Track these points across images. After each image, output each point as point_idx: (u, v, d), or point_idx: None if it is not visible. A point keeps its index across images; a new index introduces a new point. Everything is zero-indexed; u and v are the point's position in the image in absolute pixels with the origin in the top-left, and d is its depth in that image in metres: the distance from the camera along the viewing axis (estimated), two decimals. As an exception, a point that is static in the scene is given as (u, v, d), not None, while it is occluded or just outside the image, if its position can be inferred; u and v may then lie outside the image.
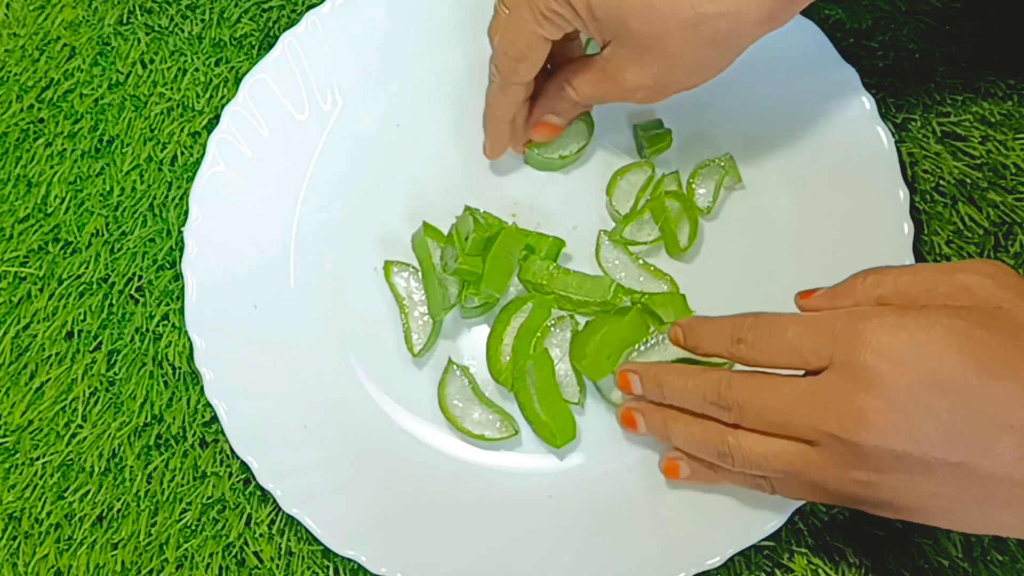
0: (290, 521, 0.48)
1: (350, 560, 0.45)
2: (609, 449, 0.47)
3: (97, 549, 0.49)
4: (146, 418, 0.51)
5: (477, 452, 0.48)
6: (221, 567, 0.48)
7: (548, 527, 0.46)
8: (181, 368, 0.52)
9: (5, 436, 0.52)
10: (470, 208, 0.49)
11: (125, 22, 0.61)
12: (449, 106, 0.55)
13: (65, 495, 0.51)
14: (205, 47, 0.59)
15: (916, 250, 0.46)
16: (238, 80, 0.54)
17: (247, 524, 0.49)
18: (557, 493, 0.47)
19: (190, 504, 0.50)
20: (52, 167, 0.57)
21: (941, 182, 0.51)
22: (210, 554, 0.49)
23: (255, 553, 0.48)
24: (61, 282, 0.55)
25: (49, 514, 0.50)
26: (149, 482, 0.50)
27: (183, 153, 0.57)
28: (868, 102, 0.49)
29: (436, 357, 0.50)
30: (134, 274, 0.54)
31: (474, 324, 0.51)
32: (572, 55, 0.50)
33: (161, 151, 0.57)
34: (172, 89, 0.58)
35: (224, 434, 0.48)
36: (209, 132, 0.53)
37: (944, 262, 0.49)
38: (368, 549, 0.45)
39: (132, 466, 0.51)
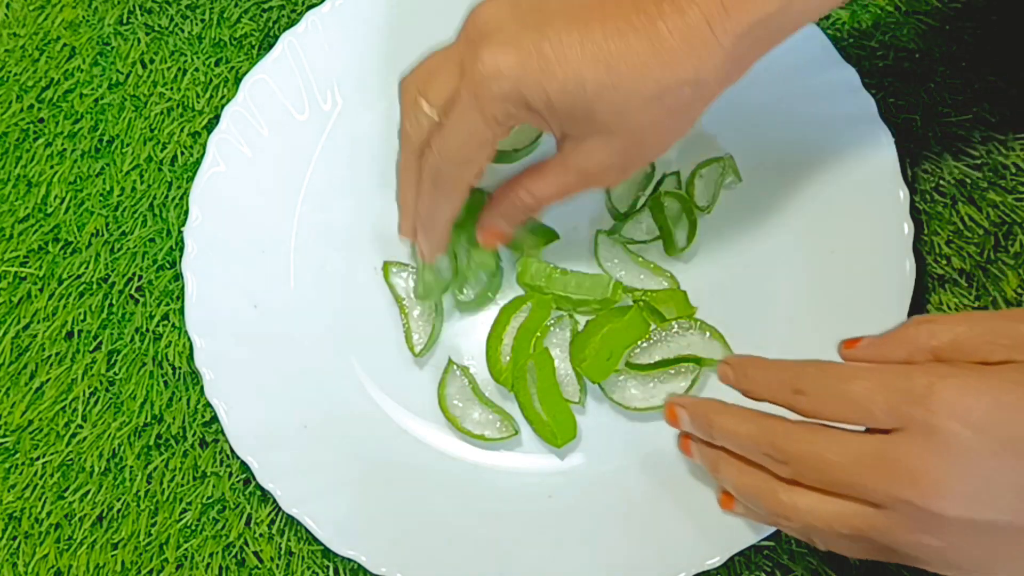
0: (290, 521, 0.48)
1: (350, 560, 0.45)
2: (609, 449, 0.47)
3: (97, 549, 0.49)
4: (146, 418, 0.51)
5: (477, 452, 0.48)
6: (221, 567, 0.48)
7: (548, 527, 0.46)
8: (181, 368, 0.52)
9: (5, 436, 0.52)
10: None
11: (125, 22, 0.61)
12: (449, 106, 0.55)
13: (65, 495, 0.51)
14: (205, 47, 0.59)
15: (916, 250, 0.46)
16: (238, 80, 0.54)
17: (247, 524, 0.49)
18: (557, 493, 0.47)
19: (190, 504, 0.50)
20: (52, 167, 0.57)
21: (941, 182, 0.51)
22: (210, 554, 0.49)
23: (255, 553, 0.48)
24: (61, 282, 0.55)
25: (49, 514, 0.50)
26: (149, 482, 0.50)
27: (183, 153, 0.57)
28: (868, 102, 0.49)
29: (436, 357, 0.50)
30: (134, 274, 0.54)
31: (474, 324, 0.51)
32: None
33: (161, 151, 0.57)
34: (172, 89, 0.58)
35: (224, 434, 0.48)
36: (209, 132, 0.53)
37: (996, 310, 0.48)
38: (368, 549, 0.45)
39: (132, 466, 0.51)
